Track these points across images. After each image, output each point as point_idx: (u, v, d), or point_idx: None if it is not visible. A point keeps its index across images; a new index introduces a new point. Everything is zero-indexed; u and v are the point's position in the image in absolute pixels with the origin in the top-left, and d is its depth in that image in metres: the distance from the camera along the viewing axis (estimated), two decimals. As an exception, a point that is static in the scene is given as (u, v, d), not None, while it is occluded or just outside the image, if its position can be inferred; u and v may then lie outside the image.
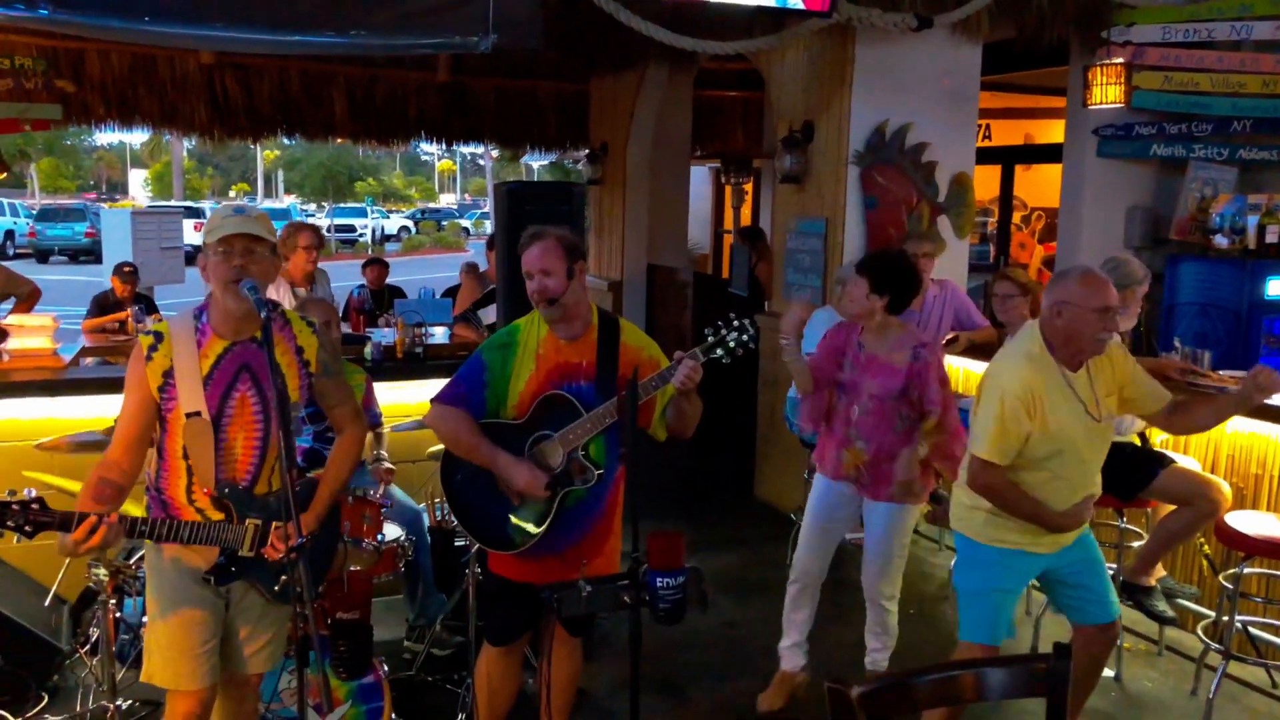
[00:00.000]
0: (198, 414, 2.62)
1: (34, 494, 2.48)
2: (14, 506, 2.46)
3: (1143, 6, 5.62)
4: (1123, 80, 5.96)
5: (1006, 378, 3.05)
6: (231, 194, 50.44)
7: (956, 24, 5.49)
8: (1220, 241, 5.74)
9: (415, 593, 4.37)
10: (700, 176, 13.19)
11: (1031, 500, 3.09)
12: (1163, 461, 4.11)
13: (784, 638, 4.07)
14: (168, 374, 2.63)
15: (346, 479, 3.00)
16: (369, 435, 4.36)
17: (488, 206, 40.87)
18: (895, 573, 3.96)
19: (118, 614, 3.66)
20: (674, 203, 9.65)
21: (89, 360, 5.25)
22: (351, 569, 3.59)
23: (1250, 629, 4.28)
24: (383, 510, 3.79)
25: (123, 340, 6.46)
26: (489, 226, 28.97)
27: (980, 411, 3.10)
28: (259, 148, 40.01)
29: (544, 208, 4.35)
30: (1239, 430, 4.41)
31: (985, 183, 9.26)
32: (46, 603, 4.15)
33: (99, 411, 4.35)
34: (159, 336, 2.66)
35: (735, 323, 2.97)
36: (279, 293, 5.23)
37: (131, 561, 3.77)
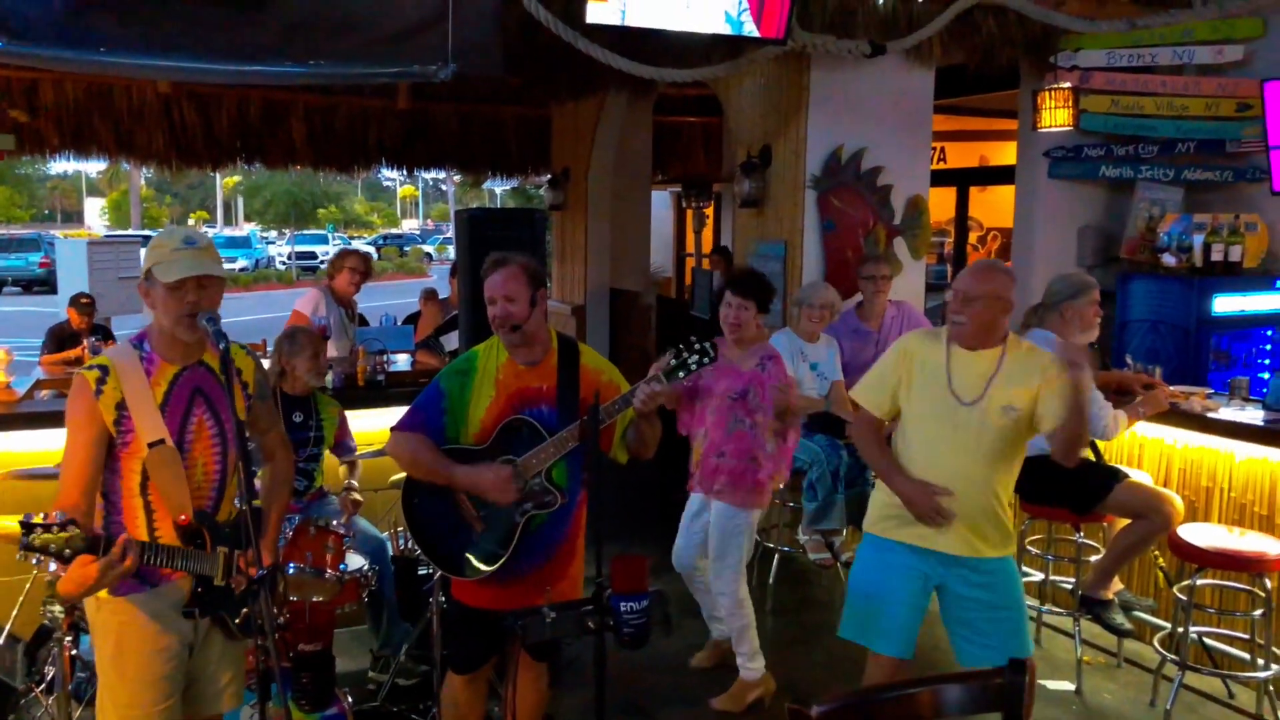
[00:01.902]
0: (161, 442, 2.55)
1: (63, 516, 2.34)
2: (53, 528, 2.30)
3: (1088, 32, 5.77)
4: (1071, 104, 6.10)
5: (899, 341, 3.40)
6: (190, 221, 49.83)
7: (909, 50, 5.60)
8: (1168, 260, 5.88)
9: (379, 622, 4.35)
10: (662, 201, 13.29)
11: (881, 451, 3.31)
12: (1117, 476, 4.19)
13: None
14: (120, 406, 2.55)
15: (287, 503, 3.02)
16: (341, 467, 4.36)
17: (450, 232, 40.78)
18: (728, 572, 4.16)
19: (73, 651, 3.61)
20: (636, 227, 9.71)
21: (44, 394, 5.17)
22: (314, 599, 3.57)
23: (1205, 640, 4.36)
24: (345, 540, 3.77)
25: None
26: (452, 252, 28.92)
27: None
28: (218, 175, 39.74)
29: (506, 233, 4.38)
30: (1189, 445, 4.51)
31: (941, 204, 9.41)
32: (1, 641, 4.07)
33: (54, 445, 4.28)
34: (104, 370, 2.57)
35: (696, 345, 3.00)
36: (322, 306, 5.91)
37: (89, 597, 3.71)
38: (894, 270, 5.75)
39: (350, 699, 3.68)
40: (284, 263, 34.69)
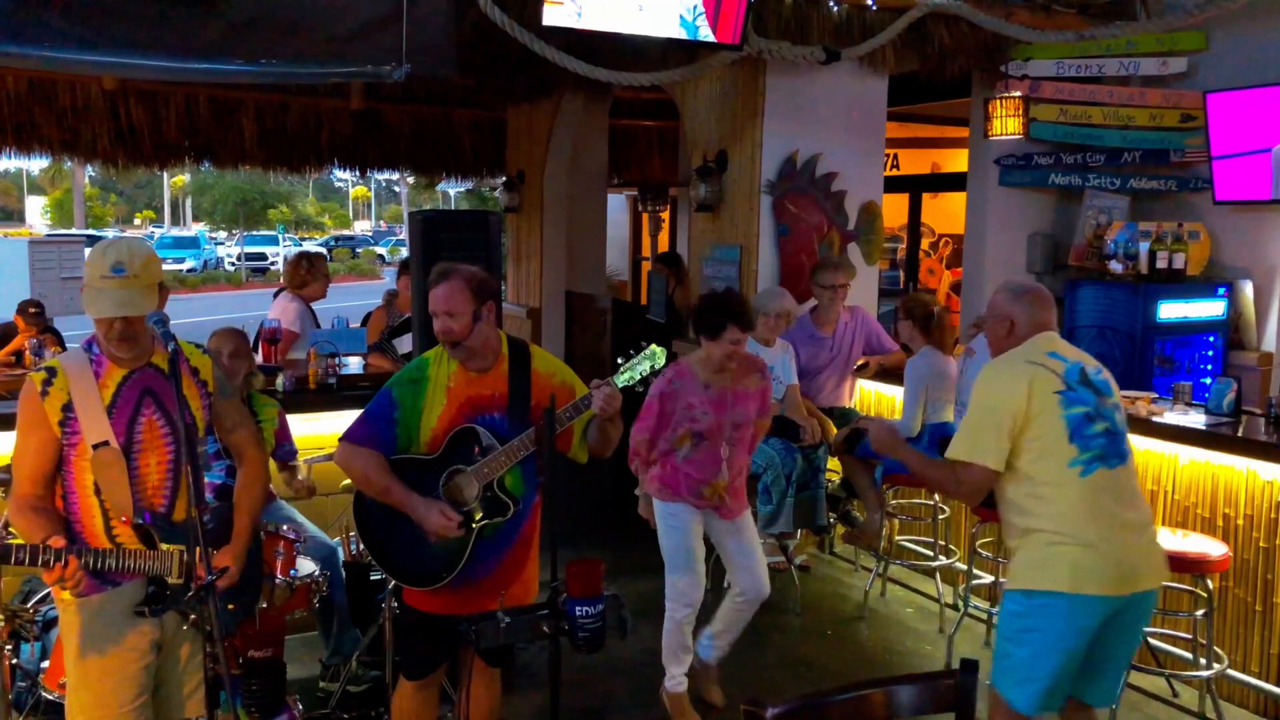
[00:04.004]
0: (105, 444, 2.56)
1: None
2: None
3: (1038, 42, 5.87)
4: (1021, 112, 6.21)
5: None
6: (136, 222, 48.94)
7: (863, 57, 5.66)
8: (1115, 267, 5.99)
9: (330, 629, 4.29)
10: (617, 204, 13.28)
11: None
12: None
13: (678, 667, 4.08)
14: (67, 408, 2.56)
15: (261, 504, 2.97)
16: (281, 473, 4.28)
17: (404, 233, 40.45)
18: None
19: (13, 660, 3.52)
20: (591, 230, 9.69)
21: (-16, 394, 5.05)
22: (263, 605, 3.51)
23: (1150, 640, 4.44)
24: (296, 546, 3.72)
25: (20, 374, 6.21)
26: (405, 253, 28.71)
27: None
28: (165, 174, 39.01)
29: (460, 236, 4.33)
30: (1135, 448, 4.58)
31: (894, 210, 9.51)
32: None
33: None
34: (52, 371, 2.59)
35: (646, 350, 3.00)
36: (290, 312, 5.95)
37: (29, 606, 3.63)
38: (850, 276, 5.80)
39: (300, 706, 3.63)
40: (233, 264, 34.18)
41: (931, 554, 5.35)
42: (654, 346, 3.00)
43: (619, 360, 3.00)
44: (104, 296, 2.52)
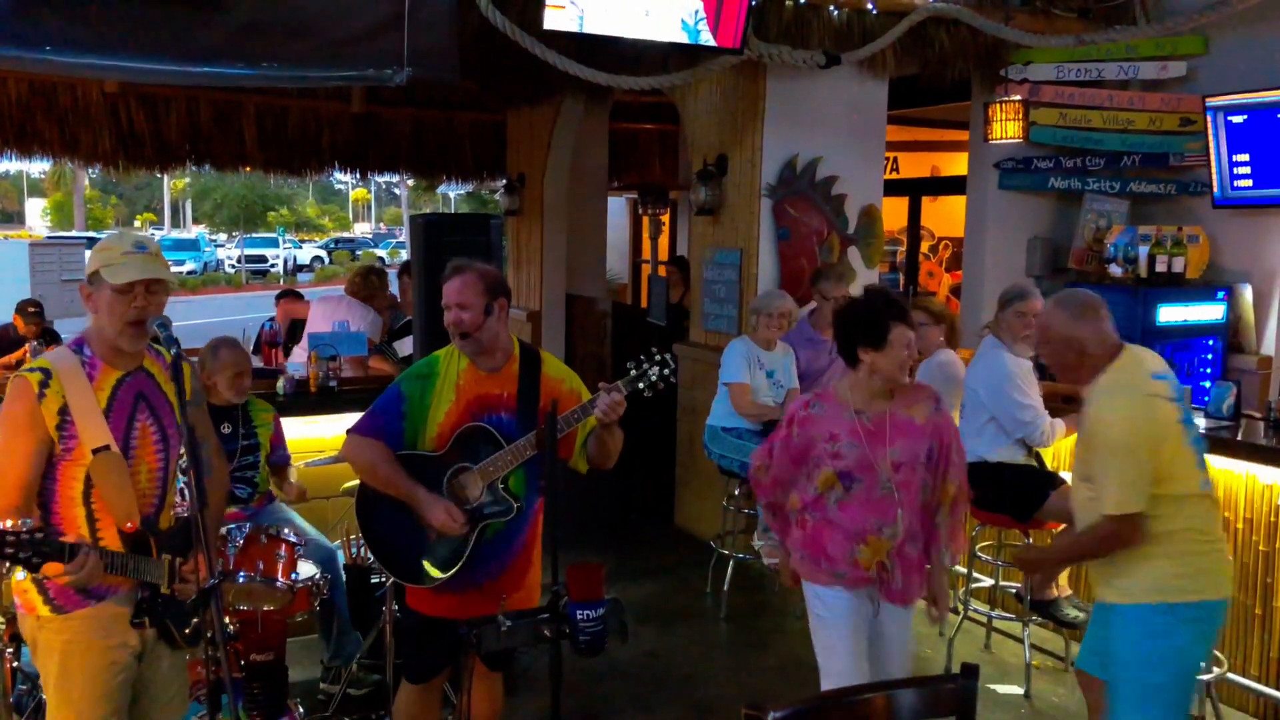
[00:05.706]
0: (106, 448, 2.49)
1: (30, 524, 2.33)
2: (23, 535, 2.28)
3: (1038, 46, 5.88)
4: (1021, 116, 6.22)
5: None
6: (136, 224, 48.87)
7: (863, 61, 5.67)
8: (1115, 270, 6.00)
9: (330, 632, 4.29)
10: (618, 207, 13.29)
11: None
12: (1053, 482, 4.27)
13: None
14: (63, 411, 2.48)
15: (223, 507, 3.06)
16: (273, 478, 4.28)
17: (403, 236, 40.46)
18: None
19: (15, 663, 3.51)
20: (592, 233, 9.71)
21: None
22: (265, 609, 3.52)
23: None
24: (297, 549, 3.72)
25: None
26: (404, 256, 28.74)
27: None
28: (166, 177, 39.01)
29: (461, 239, 4.34)
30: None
31: (894, 213, 9.51)
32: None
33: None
34: (46, 372, 2.49)
35: (657, 357, 3.00)
36: (363, 319, 6.00)
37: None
38: (850, 281, 5.80)
39: (302, 709, 3.63)
40: (234, 266, 34.20)
41: (931, 557, 5.34)
42: (665, 354, 3.00)
43: (629, 365, 3.00)
44: (131, 265, 2.50)
